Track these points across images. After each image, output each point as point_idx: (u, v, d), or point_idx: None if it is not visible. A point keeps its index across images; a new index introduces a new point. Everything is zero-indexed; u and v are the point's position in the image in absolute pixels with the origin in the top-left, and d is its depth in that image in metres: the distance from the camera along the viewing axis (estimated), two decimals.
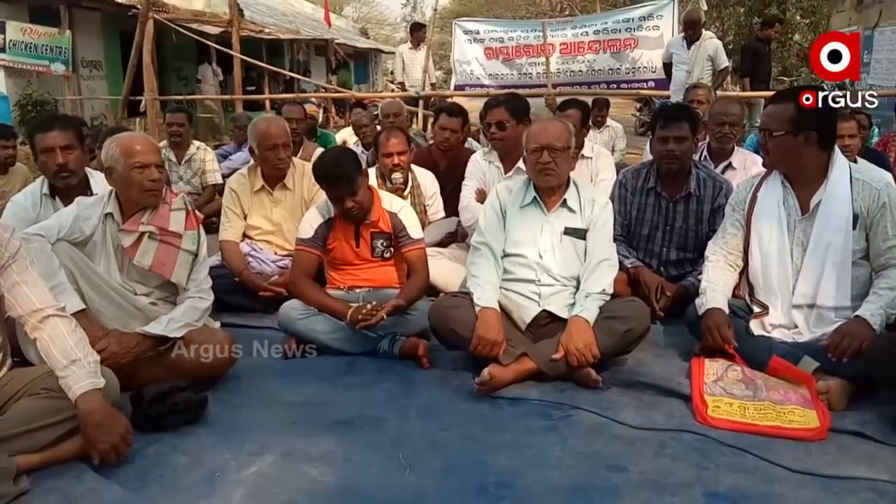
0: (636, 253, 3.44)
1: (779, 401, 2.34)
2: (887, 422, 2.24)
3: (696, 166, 3.38)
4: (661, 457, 2.10)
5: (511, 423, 2.33)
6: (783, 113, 2.61)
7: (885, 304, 2.45)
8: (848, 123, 3.99)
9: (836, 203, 2.60)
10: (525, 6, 30.90)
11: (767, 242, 2.72)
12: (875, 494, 1.90)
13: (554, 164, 2.69)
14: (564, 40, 8.30)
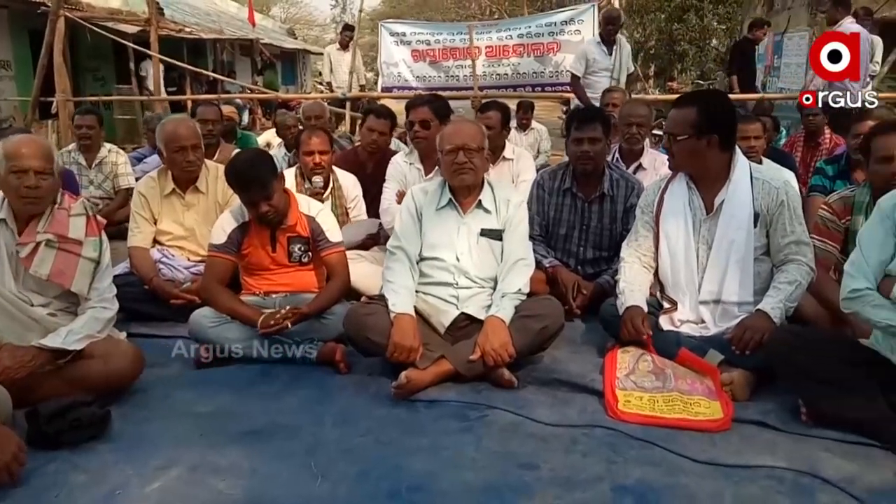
0: (555, 252, 3.50)
1: (686, 391, 2.42)
2: (787, 411, 2.33)
3: (609, 167, 3.46)
4: (573, 453, 2.13)
5: (428, 426, 2.32)
6: (686, 117, 2.68)
7: (784, 297, 2.57)
8: (753, 125, 4.16)
9: (737, 202, 2.70)
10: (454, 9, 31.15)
11: (675, 242, 2.80)
12: (774, 481, 1.97)
13: (471, 165, 2.69)
14: (490, 43, 8.36)
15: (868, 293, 2.20)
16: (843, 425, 2.20)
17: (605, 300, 2.98)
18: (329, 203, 3.75)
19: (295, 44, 22.83)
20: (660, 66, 21.98)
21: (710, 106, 2.71)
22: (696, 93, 2.87)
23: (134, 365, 2.49)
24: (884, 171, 2.74)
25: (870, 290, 2.20)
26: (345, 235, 3.43)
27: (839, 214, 2.94)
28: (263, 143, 6.77)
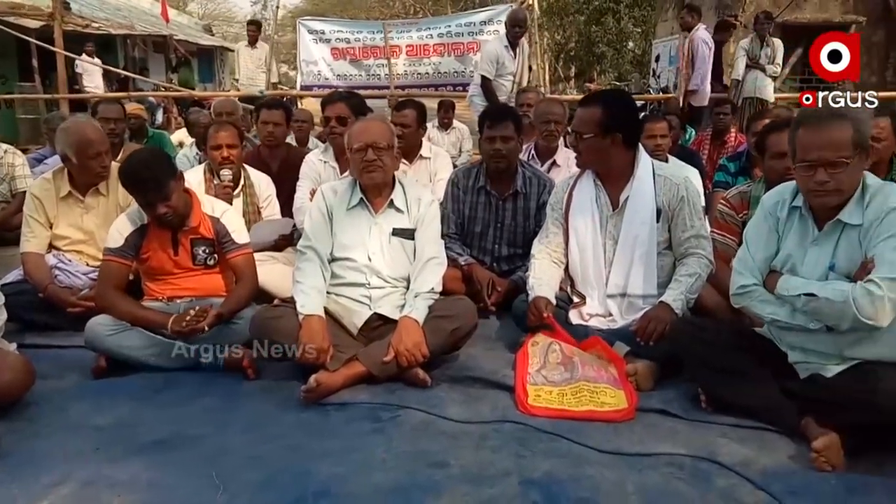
0: (471, 250, 3.52)
1: (592, 378, 2.46)
2: (689, 399, 2.41)
3: (522, 165, 3.50)
4: (483, 449, 2.14)
5: (338, 429, 2.28)
6: (591, 116, 2.74)
7: (685, 289, 2.66)
8: (659, 124, 4.30)
9: (641, 198, 2.78)
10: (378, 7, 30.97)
11: (583, 237, 2.87)
12: (674, 468, 2.03)
13: (380, 163, 2.66)
14: (411, 42, 8.36)
15: (754, 289, 2.29)
16: (740, 411, 2.28)
17: (518, 296, 3.02)
18: (240, 201, 3.65)
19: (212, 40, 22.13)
20: (580, 67, 22.55)
21: (613, 105, 2.79)
22: (600, 92, 2.94)
23: (22, 378, 2.35)
24: (778, 166, 2.88)
25: (756, 286, 2.29)
26: (255, 235, 3.35)
27: (737, 209, 3.07)
28: (176, 141, 6.53)
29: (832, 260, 2.18)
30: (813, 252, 2.22)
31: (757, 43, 7.68)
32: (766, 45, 7.64)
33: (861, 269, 2.11)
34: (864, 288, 2.03)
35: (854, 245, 2.15)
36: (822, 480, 1.95)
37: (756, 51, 7.65)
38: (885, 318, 2.04)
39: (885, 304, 2.01)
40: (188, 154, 5.03)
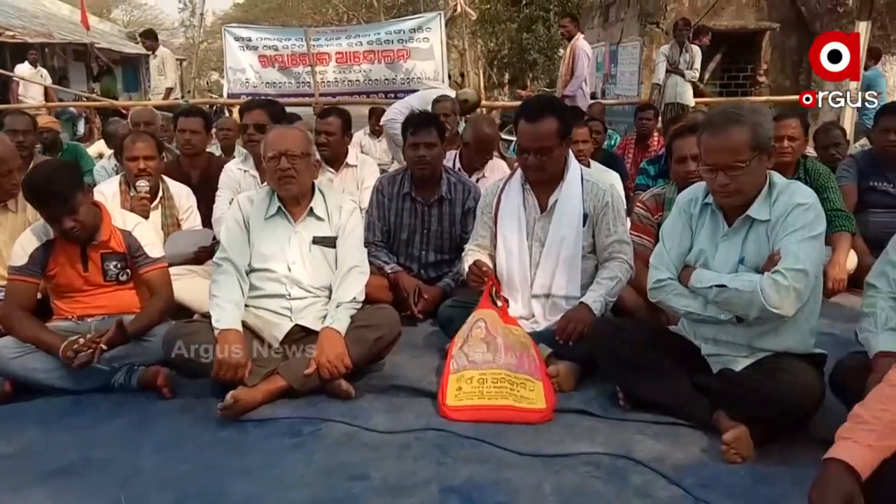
0: (398, 257, 3.50)
1: (514, 367, 2.46)
2: (608, 398, 2.46)
3: (447, 171, 3.51)
4: (404, 458, 2.12)
5: (256, 446, 2.22)
6: (551, 129, 2.71)
7: (605, 292, 2.71)
8: (581, 129, 4.40)
9: (569, 202, 2.83)
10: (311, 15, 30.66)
11: (510, 240, 2.90)
12: (591, 467, 2.06)
13: (294, 171, 2.61)
14: (340, 49, 8.28)
15: (669, 283, 2.36)
16: (656, 408, 2.34)
17: (444, 302, 3.02)
18: (159, 214, 3.53)
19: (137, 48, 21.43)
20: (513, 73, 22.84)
21: (562, 112, 2.82)
22: (542, 103, 2.92)
23: None
24: (681, 170, 2.98)
25: (671, 280, 2.37)
26: (173, 247, 3.25)
27: (652, 211, 3.16)
28: (95, 153, 6.29)
29: (741, 254, 2.27)
30: (724, 247, 2.30)
31: (676, 49, 7.95)
32: (684, 51, 7.92)
33: (768, 261, 2.20)
34: (771, 278, 2.11)
35: (762, 239, 2.24)
36: (731, 472, 2.01)
37: (675, 57, 7.91)
38: (790, 308, 2.13)
39: (790, 293, 2.10)
40: (106, 166, 4.85)
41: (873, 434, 1.55)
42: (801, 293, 2.13)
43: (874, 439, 1.55)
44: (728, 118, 2.16)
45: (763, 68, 10.69)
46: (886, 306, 2.15)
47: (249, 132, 3.64)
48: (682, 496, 1.90)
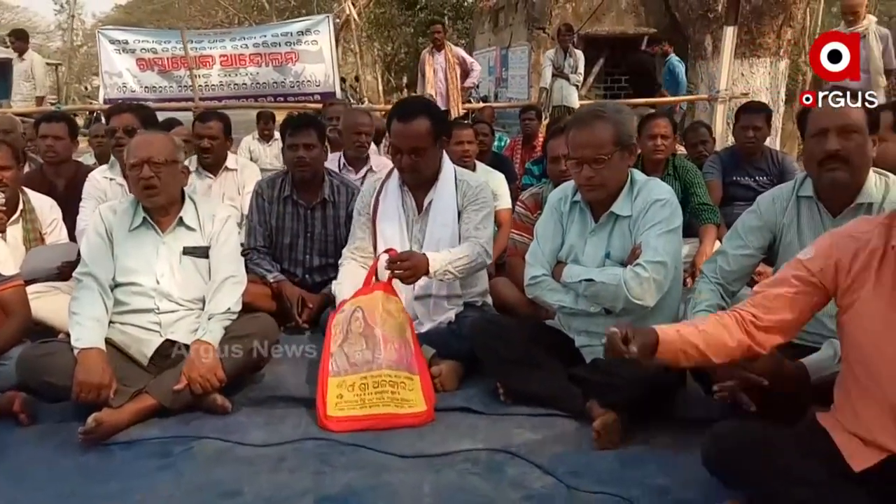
0: (281, 262, 3.41)
1: (394, 363, 2.43)
2: (489, 394, 2.49)
3: (329, 174, 3.46)
4: (280, 471, 2.06)
5: (121, 470, 2.09)
6: (423, 128, 2.70)
7: (451, 259, 2.68)
8: (466, 130, 4.44)
9: (443, 202, 2.85)
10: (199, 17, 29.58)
11: (390, 242, 2.88)
12: (470, 463, 2.08)
13: (157, 180, 2.49)
14: (224, 52, 8.03)
15: (543, 279, 2.43)
16: (534, 400, 2.40)
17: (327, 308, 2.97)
18: (20, 228, 3.27)
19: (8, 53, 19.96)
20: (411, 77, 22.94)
21: (434, 113, 2.83)
22: (413, 103, 2.93)
23: None
24: (556, 169, 3.08)
25: (545, 276, 2.44)
26: (32, 262, 3.04)
27: (531, 209, 3.24)
28: None
29: (607, 248, 2.38)
30: (591, 242, 2.40)
31: (561, 54, 8.23)
32: (569, 55, 8.21)
33: (631, 254, 2.31)
34: (633, 271, 2.23)
35: (626, 234, 2.35)
36: (601, 458, 2.08)
37: (560, 61, 8.18)
38: (652, 298, 2.25)
39: (650, 284, 2.23)
40: None
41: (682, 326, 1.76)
42: (661, 284, 2.24)
43: (680, 327, 1.76)
44: (592, 115, 2.26)
45: None
46: (706, 289, 2.29)
47: (118, 136, 3.45)
48: (554, 484, 1.95)
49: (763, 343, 1.70)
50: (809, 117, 2.16)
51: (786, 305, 1.67)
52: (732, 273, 2.32)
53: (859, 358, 1.63)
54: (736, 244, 2.36)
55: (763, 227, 2.30)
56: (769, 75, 9.37)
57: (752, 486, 1.68)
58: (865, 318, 1.59)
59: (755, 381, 1.86)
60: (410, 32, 21.54)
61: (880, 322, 1.56)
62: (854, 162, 2.05)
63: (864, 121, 2.07)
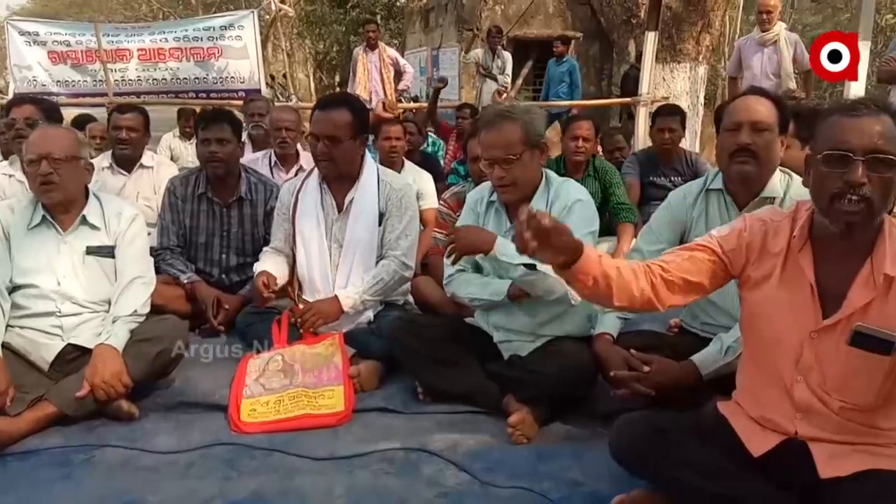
0: (196, 262, 3.30)
1: (312, 384, 2.42)
2: (408, 393, 2.48)
3: (246, 171, 3.37)
4: (187, 478, 1.99)
5: (16, 482, 1.98)
6: (343, 119, 2.69)
7: (363, 290, 2.71)
8: (394, 127, 4.43)
9: (365, 202, 2.82)
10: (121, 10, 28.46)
11: (309, 241, 2.84)
12: (385, 463, 2.06)
13: (56, 176, 2.36)
14: (143, 46, 7.70)
15: (458, 275, 2.44)
16: (453, 398, 2.40)
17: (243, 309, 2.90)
18: None
19: None
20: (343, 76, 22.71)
21: (358, 108, 2.80)
22: (338, 95, 2.91)
23: None
24: (474, 169, 3.10)
25: (461, 272, 2.44)
26: None
27: (453, 208, 3.25)
28: None
29: None
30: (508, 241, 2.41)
31: (489, 55, 8.32)
32: (497, 56, 8.30)
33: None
34: None
35: None
36: (516, 453, 2.10)
37: (489, 62, 8.27)
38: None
39: None
40: None
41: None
42: None
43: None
44: (501, 115, 2.27)
45: None
46: None
47: (17, 128, 3.28)
48: (469, 481, 1.96)
49: (664, 300, 1.66)
50: (725, 112, 2.24)
51: (695, 266, 1.67)
52: None
53: (759, 343, 1.69)
54: (650, 240, 2.42)
55: (674, 221, 2.38)
56: (689, 80, 9.71)
57: (655, 475, 1.72)
58: (766, 305, 1.65)
59: (643, 393, 1.99)
60: (342, 31, 21.31)
61: (778, 309, 1.62)
62: (762, 157, 2.13)
63: (776, 120, 2.16)
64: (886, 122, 1.46)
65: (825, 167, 1.49)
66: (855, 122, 1.47)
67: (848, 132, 1.47)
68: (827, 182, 1.49)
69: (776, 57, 5.88)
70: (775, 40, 5.87)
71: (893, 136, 1.45)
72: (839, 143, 1.47)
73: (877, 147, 1.44)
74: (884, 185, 1.45)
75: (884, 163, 1.44)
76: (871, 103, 1.48)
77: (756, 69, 5.91)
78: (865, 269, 1.51)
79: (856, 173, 1.44)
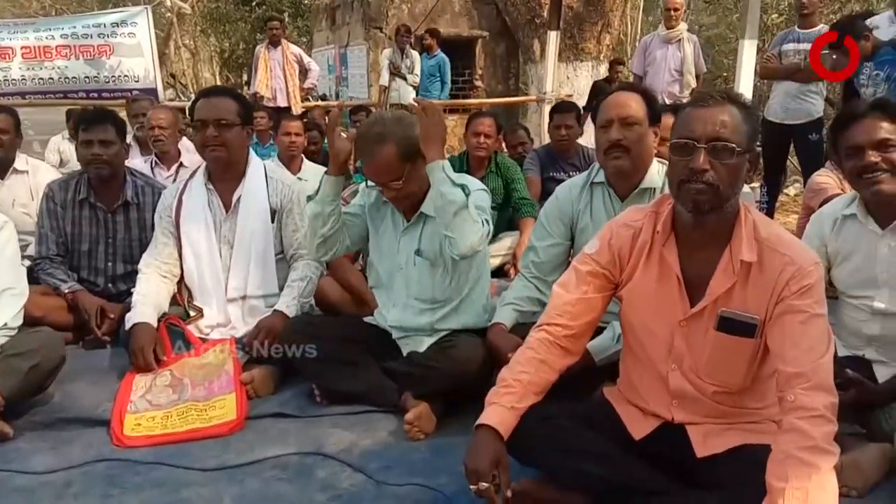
0: (80, 271, 3.11)
1: (202, 397, 2.34)
2: (305, 396, 2.42)
3: (132, 174, 3.21)
4: (64, 498, 1.87)
5: None
6: (230, 105, 2.64)
7: (298, 294, 2.67)
8: (294, 122, 4.36)
9: (253, 199, 2.75)
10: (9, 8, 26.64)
11: (197, 245, 2.74)
12: (278, 470, 2.00)
13: None
14: (27, 44, 7.26)
15: None
16: (350, 399, 2.36)
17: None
18: None
19: None
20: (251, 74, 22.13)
21: (241, 97, 2.75)
22: (223, 87, 2.86)
23: None
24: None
25: None
26: None
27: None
28: None
29: (418, 245, 2.38)
30: (404, 241, 2.40)
31: (398, 54, 8.29)
32: (406, 56, 8.29)
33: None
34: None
35: (436, 231, 2.35)
36: (413, 449, 2.09)
37: (398, 61, 8.24)
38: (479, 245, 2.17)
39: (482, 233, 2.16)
40: None
41: (515, 396, 1.69)
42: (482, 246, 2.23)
43: (515, 401, 1.69)
44: (374, 140, 2.19)
45: (479, 73, 11.59)
46: (520, 285, 2.42)
47: None
48: (364, 481, 1.93)
49: (578, 351, 1.76)
50: (599, 110, 2.30)
51: (588, 307, 1.72)
52: (545, 264, 2.43)
53: (633, 335, 1.75)
54: (542, 235, 2.47)
55: (562, 214, 2.43)
56: (592, 77, 10.01)
57: (543, 463, 1.75)
58: (636, 299, 1.71)
59: None
60: (248, 28, 20.76)
61: (648, 302, 1.68)
62: (634, 151, 2.21)
63: (645, 113, 2.24)
64: (733, 111, 1.53)
65: (674, 155, 1.56)
66: (701, 112, 1.54)
67: (693, 122, 1.53)
68: (675, 169, 1.56)
69: (680, 55, 6.12)
70: (679, 38, 6.11)
71: (738, 125, 1.52)
72: (685, 132, 1.54)
73: (718, 135, 1.50)
74: (728, 172, 1.51)
75: (725, 150, 1.50)
76: (721, 95, 1.56)
77: (660, 66, 6.12)
78: (725, 257, 1.58)
79: (698, 160, 1.50)
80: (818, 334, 1.48)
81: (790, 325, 1.49)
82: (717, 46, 13.51)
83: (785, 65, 5.26)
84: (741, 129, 1.53)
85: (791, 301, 1.50)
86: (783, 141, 5.33)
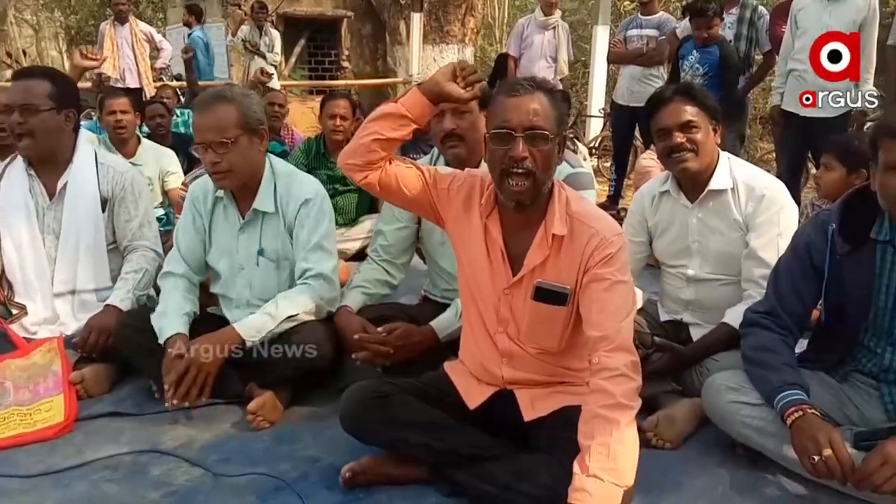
0: None
1: (27, 401, 2.18)
2: (144, 393, 2.30)
3: None
4: None
5: None
6: (41, 89, 2.43)
7: (132, 287, 2.53)
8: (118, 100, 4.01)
9: (80, 186, 2.57)
10: None
11: (19, 234, 2.54)
12: (108, 471, 1.90)
13: None
14: None
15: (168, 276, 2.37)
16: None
17: None
18: None
19: None
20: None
21: (60, 80, 2.53)
22: (35, 68, 2.62)
23: None
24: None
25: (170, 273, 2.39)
26: None
27: None
28: None
29: (260, 245, 2.32)
30: (243, 239, 2.33)
31: (256, 32, 7.99)
32: (264, 34, 8.01)
33: None
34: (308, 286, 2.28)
35: (279, 231, 2.31)
36: (256, 439, 2.06)
37: (256, 39, 7.95)
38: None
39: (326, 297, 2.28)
40: None
41: None
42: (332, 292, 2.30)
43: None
44: (216, 97, 2.16)
45: (345, 54, 11.43)
46: (367, 268, 2.48)
47: None
48: (202, 475, 1.88)
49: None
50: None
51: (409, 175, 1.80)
52: (392, 247, 2.46)
53: (470, 300, 1.83)
54: (388, 219, 2.48)
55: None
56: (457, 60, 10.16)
57: (383, 439, 1.79)
58: (470, 266, 1.80)
59: (382, 353, 2.08)
60: (97, 3, 19.29)
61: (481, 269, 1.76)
62: (468, 137, 2.24)
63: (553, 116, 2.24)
64: (542, 98, 1.62)
65: (493, 144, 1.63)
66: (514, 101, 1.61)
67: (509, 111, 1.60)
68: (495, 158, 1.63)
69: (555, 42, 6.29)
70: (555, 25, 6.28)
71: (548, 111, 1.61)
72: (502, 121, 1.61)
73: (532, 123, 1.59)
74: (543, 158, 1.61)
75: (540, 137, 1.59)
76: (530, 83, 1.63)
77: (536, 50, 6.22)
78: (540, 232, 1.68)
79: (517, 149, 1.58)
80: (621, 299, 1.60)
81: (596, 293, 1.60)
82: (578, 31, 14.10)
83: (630, 50, 5.59)
84: (551, 115, 1.62)
85: (595, 270, 1.61)
86: (629, 122, 5.67)
